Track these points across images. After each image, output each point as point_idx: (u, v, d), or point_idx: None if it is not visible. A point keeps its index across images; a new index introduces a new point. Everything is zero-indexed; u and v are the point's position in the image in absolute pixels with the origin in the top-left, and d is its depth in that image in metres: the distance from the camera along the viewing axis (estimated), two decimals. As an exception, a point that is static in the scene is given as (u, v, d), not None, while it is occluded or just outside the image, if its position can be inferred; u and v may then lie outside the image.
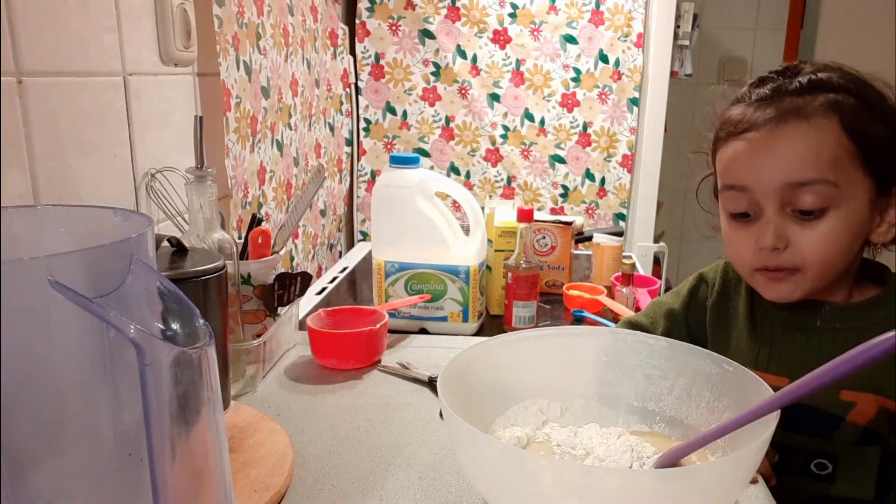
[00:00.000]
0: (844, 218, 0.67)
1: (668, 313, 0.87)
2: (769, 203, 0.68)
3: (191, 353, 0.39)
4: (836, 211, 0.67)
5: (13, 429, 0.38)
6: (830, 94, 0.67)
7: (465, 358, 0.66)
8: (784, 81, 0.70)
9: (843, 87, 0.68)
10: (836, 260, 0.69)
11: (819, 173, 0.66)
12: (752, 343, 0.77)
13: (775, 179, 0.67)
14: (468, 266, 1.13)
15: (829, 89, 0.68)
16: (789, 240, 0.68)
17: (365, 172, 1.82)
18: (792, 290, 0.71)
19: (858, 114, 0.67)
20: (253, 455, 0.69)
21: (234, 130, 1.05)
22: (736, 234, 0.73)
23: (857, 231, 0.69)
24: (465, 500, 0.65)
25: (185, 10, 0.92)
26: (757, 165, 0.68)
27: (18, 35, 0.67)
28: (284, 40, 1.26)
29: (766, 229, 0.69)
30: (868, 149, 0.66)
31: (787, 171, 0.67)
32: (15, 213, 0.47)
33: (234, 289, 0.83)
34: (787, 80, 0.70)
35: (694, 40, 2.26)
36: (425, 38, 1.72)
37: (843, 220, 0.67)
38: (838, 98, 0.67)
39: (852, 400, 0.70)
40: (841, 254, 0.69)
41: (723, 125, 0.72)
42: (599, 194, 1.82)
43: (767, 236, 0.68)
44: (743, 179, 0.70)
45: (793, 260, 0.69)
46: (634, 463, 0.61)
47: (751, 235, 0.70)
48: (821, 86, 0.68)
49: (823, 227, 0.67)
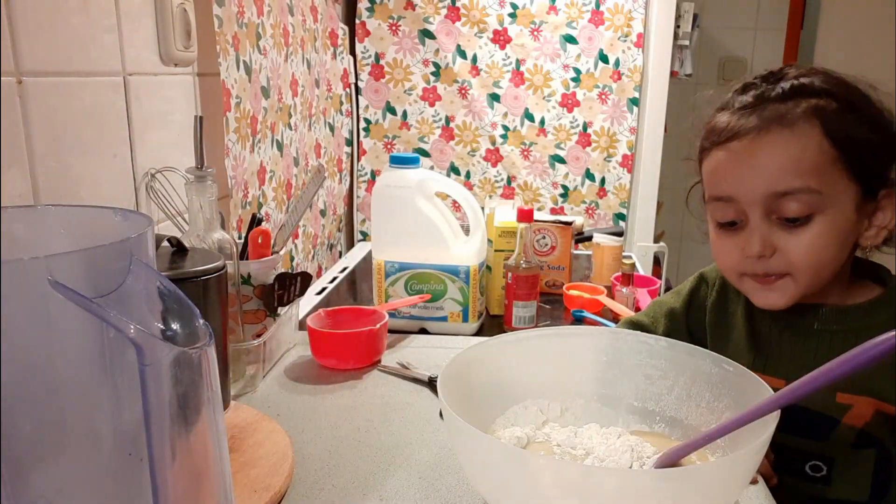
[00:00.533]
0: (831, 223, 0.67)
1: (668, 313, 0.87)
2: (754, 212, 0.68)
3: (191, 353, 0.39)
4: (821, 217, 0.66)
5: (13, 429, 0.38)
6: (813, 99, 0.67)
7: (465, 358, 0.66)
8: (767, 88, 0.69)
9: (826, 91, 0.67)
10: (825, 265, 0.69)
11: (802, 182, 0.65)
12: (751, 345, 0.77)
13: (759, 189, 0.67)
14: (468, 266, 1.13)
15: (811, 94, 0.67)
16: (776, 246, 0.68)
17: (365, 172, 1.82)
18: (780, 297, 0.71)
19: (841, 118, 0.66)
20: (253, 455, 0.69)
21: (234, 130, 1.05)
22: (723, 241, 0.73)
23: (845, 236, 0.68)
24: (465, 500, 0.65)
25: (185, 10, 0.92)
26: (740, 176, 0.68)
27: (18, 35, 0.67)
28: (284, 40, 1.26)
29: (752, 237, 0.69)
30: (851, 153, 0.66)
31: (771, 181, 0.66)
32: (15, 213, 0.47)
33: (234, 289, 0.83)
34: (770, 86, 0.69)
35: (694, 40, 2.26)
36: (425, 38, 1.72)
37: (829, 225, 0.67)
38: (820, 103, 0.67)
39: (848, 402, 0.70)
40: (829, 259, 0.69)
41: (707, 134, 0.72)
42: (599, 194, 1.82)
43: (754, 244, 0.68)
44: (727, 190, 0.70)
45: (780, 266, 0.69)
46: (634, 463, 0.61)
47: (737, 244, 0.70)
48: (803, 91, 0.68)
49: (810, 234, 0.67)
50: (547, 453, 0.65)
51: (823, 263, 0.69)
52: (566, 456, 0.64)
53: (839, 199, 0.67)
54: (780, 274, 0.69)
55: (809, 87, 0.68)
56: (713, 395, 0.66)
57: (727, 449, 0.61)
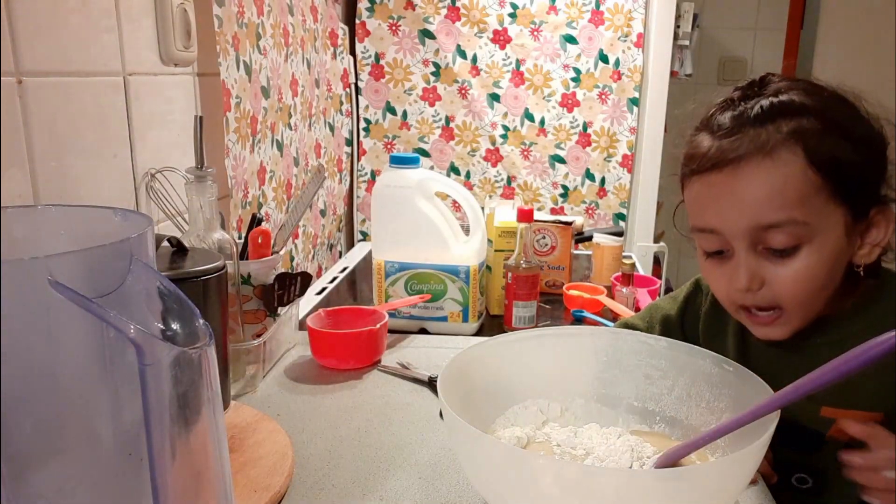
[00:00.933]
0: (819, 251, 0.64)
1: (664, 319, 0.87)
2: (739, 244, 0.66)
3: (191, 353, 0.39)
4: (809, 246, 0.64)
5: (13, 429, 0.38)
6: (793, 119, 0.63)
7: (465, 358, 0.66)
8: (745, 108, 0.65)
9: (808, 109, 0.64)
10: (816, 293, 0.67)
11: (786, 214, 0.63)
12: (739, 357, 0.76)
13: (742, 223, 0.65)
14: (468, 266, 1.13)
15: (791, 113, 0.64)
16: (764, 278, 0.66)
17: (365, 172, 1.82)
18: (780, 331, 0.69)
19: (824, 140, 0.63)
20: (253, 455, 0.69)
21: (234, 130, 1.05)
22: (713, 270, 0.71)
23: (835, 261, 0.66)
24: (465, 500, 0.65)
25: (185, 10, 0.92)
26: (723, 209, 0.66)
27: (18, 35, 0.67)
28: (284, 40, 1.26)
29: (739, 271, 0.66)
30: (837, 177, 0.63)
31: (754, 214, 0.64)
32: (15, 214, 0.47)
33: (234, 289, 0.83)
34: (749, 104, 0.66)
35: (694, 40, 2.26)
36: (425, 38, 1.72)
37: (817, 253, 0.64)
38: (802, 124, 0.63)
39: (832, 416, 0.68)
40: (820, 287, 0.66)
41: (687, 160, 0.70)
42: (599, 194, 1.82)
43: (741, 278, 0.66)
44: (711, 223, 0.67)
45: (769, 298, 0.67)
46: (634, 463, 0.62)
47: (725, 273, 0.68)
48: (783, 111, 0.64)
49: (797, 265, 0.64)
50: (547, 453, 0.65)
51: (813, 293, 0.66)
52: (566, 456, 0.64)
53: (827, 226, 0.64)
54: (771, 306, 0.67)
55: (789, 105, 0.64)
56: (713, 395, 0.66)
57: (727, 449, 0.61)
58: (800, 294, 0.66)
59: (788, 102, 0.64)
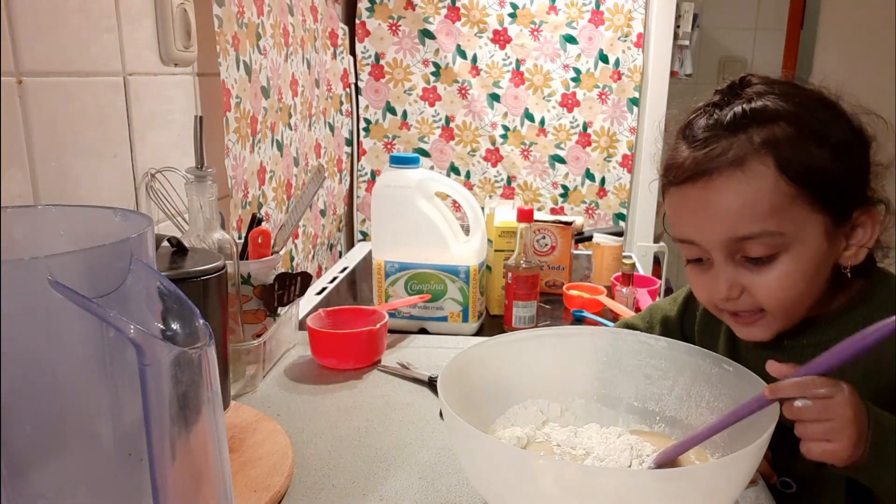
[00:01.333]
0: (798, 258, 0.64)
1: (664, 319, 0.88)
2: (717, 255, 0.66)
3: (191, 353, 0.39)
4: (787, 254, 0.64)
5: (13, 429, 0.38)
6: (766, 127, 0.63)
7: (465, 358, 0.66)
8: (720, 115, 0.65)
9: (782, 115, 0.63)
10: (797, 298, 0.66)
11: (760, 226, 0.62)
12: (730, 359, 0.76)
13: (717, 235, 0.65)
14: (468, 266, 1.13)
15: (765, 120, 0.63)
16: (743, 286, 0.66)
17: (365, 172, 1.82)
18: (763, 332, 0.69)
19: (797, 148, 0.62)
20: (253, 455, 0.69)
21: (234, 130, 1.05)
22: (695, 276, 0.71)
23: (816, 267, 0.65)
24: (465, 500, 0.65)
25: (185, 10, 0.92)
26: (699, 221, 0.66)
27: (18, 35, 0.67)
28: (284, 40, 1.26)
29: (718, 280, 0.67)
30: (813, 185, 0.62)
31: (728, 227, 0.64)
32: (15, 214, 0.47)
33: (234, 289, 0.83)
34: (724, 112, 0.65)
35: (694, 40, 2.26)
36: (425, 38, 1.72)
37: (796, 260, 0.64)
38: (775, 132, 0.62)
39: None
40: (801, 292, 0.66)
41: (665, 170, 0.70)
42: (599, 194, 1.82)
43: (720, 287, 0.66)
44: (688, 234, 0.68)
45: (750, 305, 0.67)
46: (634, 461, 0.62)
47: (707, 281, 0.69)
48: (756, 117, 0.63)
49: (776, 272, 0.64)
50: (547, 453, 0.65)
51: (795, 298, 0.66)
52: (566, 456, 0.64)
53: (805, 234, 0.63)
54: (753, 311, 0.67)
55: (762, 112, 0.63)
56: (713, 395, 0.66)
57: (727, 449, 0.61)
58: (780, 300, 0.66)
59: (761, 109, 0.63)
